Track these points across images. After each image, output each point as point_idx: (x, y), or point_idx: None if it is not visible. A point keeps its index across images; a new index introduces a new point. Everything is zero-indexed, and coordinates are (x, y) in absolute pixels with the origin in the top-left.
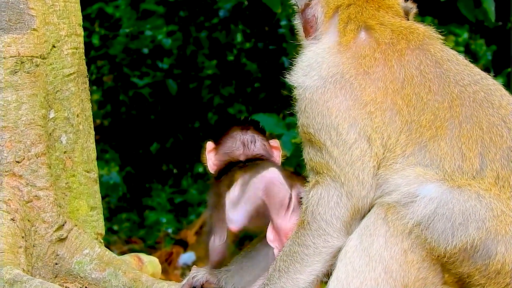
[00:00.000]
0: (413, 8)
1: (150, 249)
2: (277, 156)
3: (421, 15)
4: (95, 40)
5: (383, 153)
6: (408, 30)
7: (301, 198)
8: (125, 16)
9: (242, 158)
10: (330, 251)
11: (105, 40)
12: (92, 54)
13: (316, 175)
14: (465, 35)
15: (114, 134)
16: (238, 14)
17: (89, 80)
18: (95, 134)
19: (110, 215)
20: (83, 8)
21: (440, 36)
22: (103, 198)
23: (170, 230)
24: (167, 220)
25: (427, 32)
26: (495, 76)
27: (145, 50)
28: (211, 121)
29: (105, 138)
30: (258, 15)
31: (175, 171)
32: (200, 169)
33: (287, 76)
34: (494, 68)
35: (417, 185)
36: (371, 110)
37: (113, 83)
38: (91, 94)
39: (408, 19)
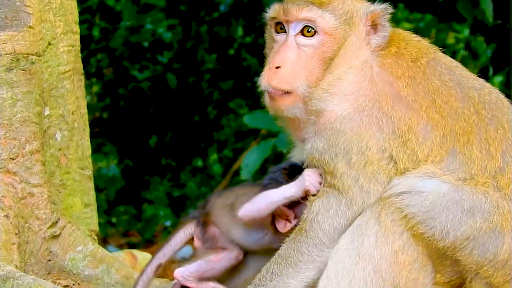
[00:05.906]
0: None
1: (148, 243)
2: None
3: (422, 13)
4: (96, 33)
5: (412, 166)
6: (418, 42)
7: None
8: (125, 9)
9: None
10: (324, 260)
11: (106, 33)
12: (92, 47)
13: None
14: (466, 32)
15: (113, 127)
16: (238, 9)
17: (89, 73)
18: (94, 127)
19: (109, 208)
20: (84, 0)
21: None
22: (101, 190)
23: (168, 224)
24: (165, 214)
25: (426, 41)
26: (494, 74)
27: (145, 44)
28: (211, 115)
29: (104, 131)
30: (258, 10)
31: (173, 164)
32: (199, 163)
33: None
34: (493, 65)
35: (425, 178)
36: (408, 138)
37: (112, 76)
38: (90, 87)
39: None
